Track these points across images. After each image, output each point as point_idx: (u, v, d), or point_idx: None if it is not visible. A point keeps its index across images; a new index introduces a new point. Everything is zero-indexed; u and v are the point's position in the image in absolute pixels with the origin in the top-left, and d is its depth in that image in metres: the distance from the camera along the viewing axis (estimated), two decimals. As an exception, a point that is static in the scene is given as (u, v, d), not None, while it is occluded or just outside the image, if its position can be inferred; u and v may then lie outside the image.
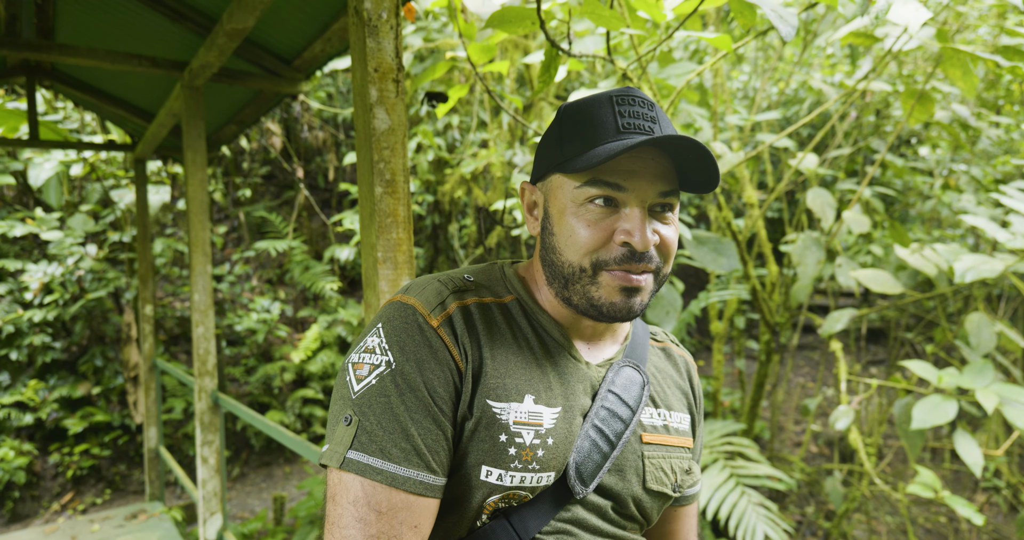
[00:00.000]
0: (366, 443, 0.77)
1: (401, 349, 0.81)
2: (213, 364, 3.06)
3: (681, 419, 0.99)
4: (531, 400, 0.83)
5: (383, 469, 0.76)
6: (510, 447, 0.80)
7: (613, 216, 0.84)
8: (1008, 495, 5.03)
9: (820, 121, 6.37)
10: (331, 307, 6.76)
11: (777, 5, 1.41)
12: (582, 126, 0.86)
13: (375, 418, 0.78)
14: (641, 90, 2.34)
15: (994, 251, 3.89)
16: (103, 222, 6.10)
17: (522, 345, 0.87)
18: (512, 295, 0.93)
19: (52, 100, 6.05)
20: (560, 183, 0.88)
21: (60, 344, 5.50)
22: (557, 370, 0.88)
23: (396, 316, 0.84)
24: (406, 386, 0.79)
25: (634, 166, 0.83)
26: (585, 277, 0.85)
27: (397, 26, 1.35)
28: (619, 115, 0.84)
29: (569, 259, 0.86)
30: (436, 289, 0.87)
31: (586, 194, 0.83)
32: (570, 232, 0.85)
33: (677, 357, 1.07)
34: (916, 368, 2.65)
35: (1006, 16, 4.47)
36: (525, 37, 5.16)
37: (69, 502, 5.19)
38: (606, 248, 0.84)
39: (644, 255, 0.83)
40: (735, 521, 3.33)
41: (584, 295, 0.86)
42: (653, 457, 0.92)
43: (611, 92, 0.87)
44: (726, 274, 5.47)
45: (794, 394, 6.91)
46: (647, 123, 0.84)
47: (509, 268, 0.97)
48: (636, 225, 0.82)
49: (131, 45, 3.19)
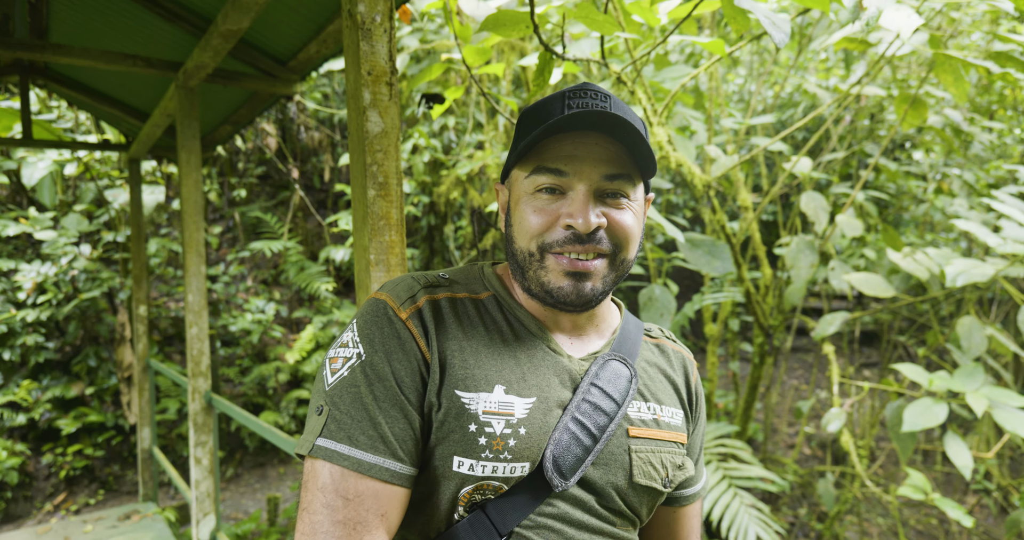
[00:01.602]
0: (334, 431, 0.79)
1: (371, 341, 0.83)
2: (207, 365, 3.05)
3: (673, 413, 0.98)
4: (501, 390, 0.84)
5: (349, 455, 0.77)
6: (480, 437, 0.81)
7: (558, 202, 0.87)
8: (998, 497, 5.06)
9: (815, 125, 6.39)
10: (326, 308, 6.75)
11: (770, 11, 1.42)
12: (533, 120, 0.89)
13: (344, 407, 0.80)
14: (636, 92, 2.32)
15: (986, 255, 3.91)
16: (97, 222, 6.08)
17: (495, 337, 0.89)
18: (489, 292, 0.95)
19: (46, 99, 6.03)
20: (516, 177, 0.92)
21: (53, 344, 5.47)
22: (532, 362, 0.89)
23: (368, 311, 0.87)
24: (375, 376, 0.81)
25: (576, 151, 0.86)
26: (535, 262, 0.88)
27: (391, 29, 1.35)
28: (567, 106, 0.86)
29: (520, 246, 0.89)
30: (408, 285, 0.90)
31: (534, 183, 0.87)
32: (521, 219, 0.89)
33: (672, 352, 1.06)
34: (908, 371, 2.67)
35: (999, 22, 4.50)
36: (522, 39, 5.17)
37: (62, 503, 5.17)
38: (551, 231, 0.87)
39: (590, 236, 0.86)
40: (728, 522, 3.34)
41: (537, 281, 0.89)
42: (641, 451, 0.92)
43: (567, 89, 0.89)
44: (720, 277, 5.49)
45: (787, 396, 6.93)
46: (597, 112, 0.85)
47: (488, 268, 0.99)
48: (577, 207, 0.85)
49: (125, 45, 3.18)
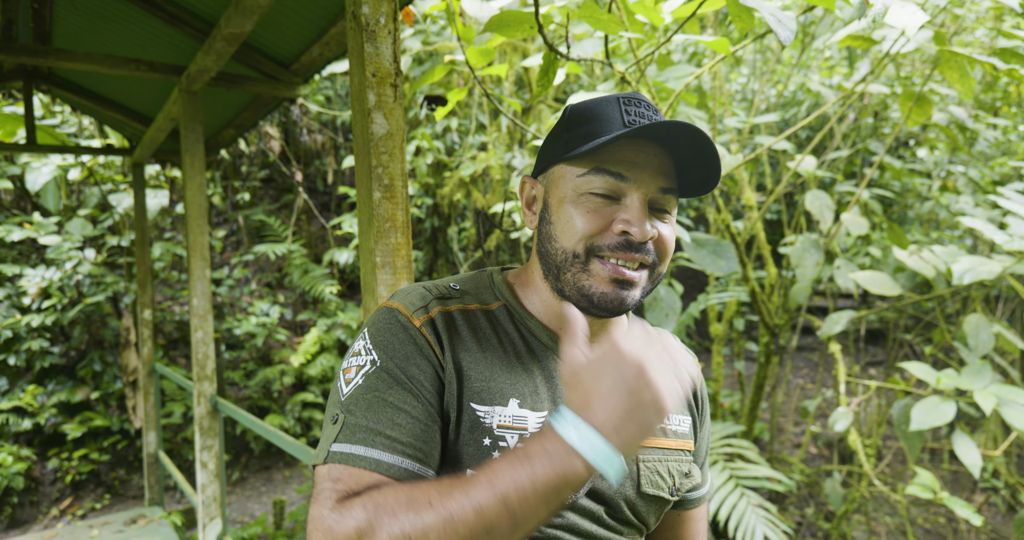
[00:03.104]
0: (350, 435, 0.77)
1: (385, 348, 0.82)
2: (212, 369, 3.05)
3: (681, 421, 0.98)
4: (516, 404, 0.83)
5: (366, 456, 0.75)
6: (494, 451, 0.80)
7: (613, 206, 0.84)
8: (1006, 495, 5.03)
9: (818, 123, 6.37)
10: (330, 310, 6.75)
11: (775, 9, 1.41)
12: (589, 120, 0.87)
13: (361, 413, 0.78)
14: (642, 89, 2.33)
15: (992, 253, 3.89)
16: (101, 226, 6.10)
17: (508, 349, 0.87)
18: (500, 301, 0.92)
19: (49, 104, 6.05)
20: (563, 172, 0.88)
21: (58, 349, 5.48)
22: (544, 374, 0.87)
23: (380, 319, 0.85)
24: (391, 380, 0.79)
25: (637, 158, 0.83)
26: (577, 264, 0.84)
27: (395, 31, 1.35)
28: (625, 112, 0.85)
29: (563, 245, 0.85)
30: (420, 294, 0.88)
31: (588, 183, 0.84)
32: (568, 219, 0.85)
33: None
34: (915, 369, 2.65)
35: (1003, 18, 4.48)
36: (524, 40, 5.16)
37: (68, 507, 5.18)
38: (603, 235, 0.84)
39: (642, 246, 0.83)
40: (735, 522, 3.33)
41: (575, 284, 0.85)
42: (648, 461, 0.91)
43: (617, 94, 0.88)
44: (725, 276, 5.47)
45: (793, 396, 6.91)
46: (651, 122, 0.85)
47: (498, 275, 0.97)
48: (636, 215, 0.82)
49: (129, 49, 3.19)
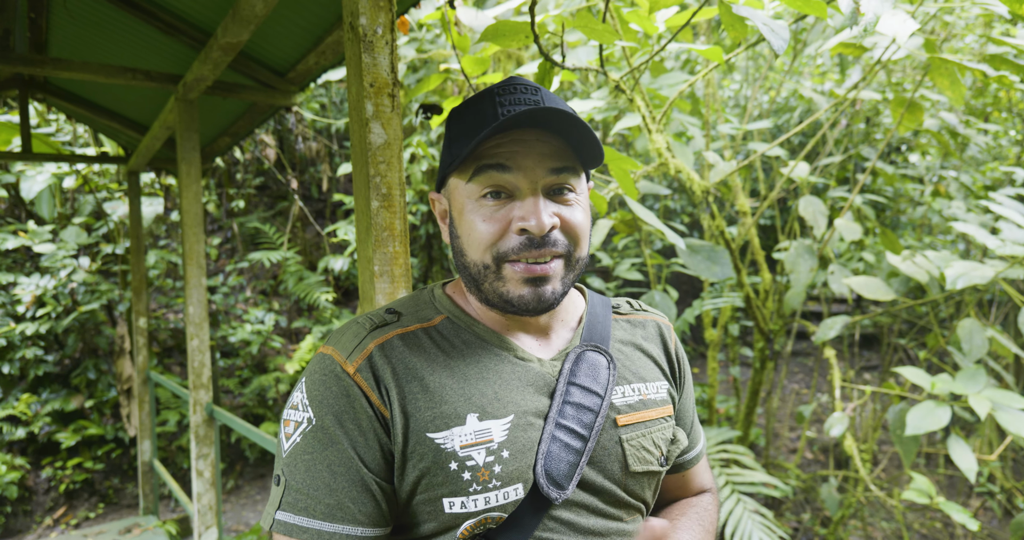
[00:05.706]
0: (291, 502, 0.78)
1: (320, 403, 0.80)
2: (208, 377, 3.05)
3: (657, 388, 0.96)
4: (475, 418, 0.80)
5: (308, 527, 0.76)
6: (464, 472, 0.78)
7: (507, 206, 0.83)
8: (1002, 500, 5.05)
9: (811, 129, 6.42)
10: (325, 318, 6.74)
11: (768, 18, 1.43)
12: (465, 124, 0.85)
13: (300, 476, 0.78)
14: (635, 99, 2.34)
15: (984, 257, 3.92)
16: (96, 234, 6.08)
17: (457, 363, 0.85)
18: (442, 314, 0.90)
19: (45, 112, 6.04)
20: (455, 184, 0.87)
21: (53, 357, 5.46)
22: (502, 378, 0.85)
23: (316, 370, 0.83)
24: (327, 440, 0.78)
25: (516, 148, 0.82)
26: (490, 273, 0.84)
27: (392, 41, 1.36)
28: (499, 105, 0.83)
29: (473, 258, 0.85)
30: (353, 332, 0.86)
31: (477, 187, 0.83)
32: (470, 230, 0.84)
33: (647, 323, 1.03)
34: (909, 374, 2.67)
35: (992, 25, 4.53)
36: (518, 48, 5.19)
37: (62, 516, 5.14)
38: (504, 239, 0.83)
39: (545, 240, 0.82)
40: (731, 528, 3.33)
41: (495, 292, 0.85)
42: (632, 438, 0.89)
43: (494, 85, 0.86)
44: (720, 282, 5.49)
45: (789, 401, 6.92)
46: (530, 107, 0.81)
47: (439, 289, 0.95)
48: (530, 208, 0.81)
49: (125, 59, 3.19)
